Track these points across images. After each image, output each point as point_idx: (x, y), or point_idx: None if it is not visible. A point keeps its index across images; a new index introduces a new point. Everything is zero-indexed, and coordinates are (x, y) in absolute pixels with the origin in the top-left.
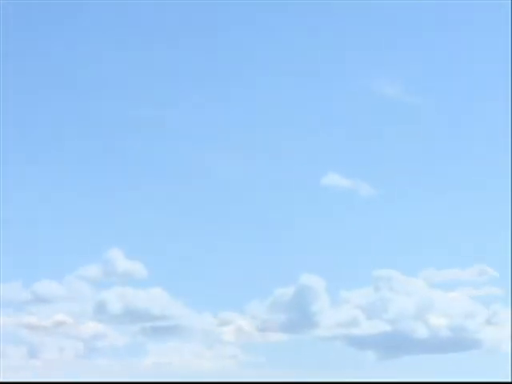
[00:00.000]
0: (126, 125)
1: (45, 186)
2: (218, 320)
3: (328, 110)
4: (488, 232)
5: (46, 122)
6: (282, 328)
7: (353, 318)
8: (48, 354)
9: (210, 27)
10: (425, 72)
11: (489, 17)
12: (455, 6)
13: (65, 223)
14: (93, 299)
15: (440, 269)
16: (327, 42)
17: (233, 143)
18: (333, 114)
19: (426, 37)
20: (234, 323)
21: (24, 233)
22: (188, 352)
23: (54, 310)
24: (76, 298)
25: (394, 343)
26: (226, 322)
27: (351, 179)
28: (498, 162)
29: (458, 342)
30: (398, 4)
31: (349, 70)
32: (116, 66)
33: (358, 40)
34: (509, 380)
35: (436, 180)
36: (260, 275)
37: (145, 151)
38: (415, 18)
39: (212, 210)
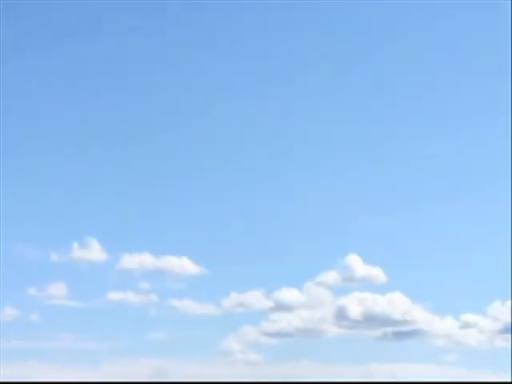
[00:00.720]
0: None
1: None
2: (461, 323)
3: None
4: None
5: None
6: None
7: None
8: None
9: None
10: None
11: None
12: None
13: (302, 231)
14: (333, 305)
15: None
16: None
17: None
18: None
19: None
20: (476, 326)
21: (259, 243)
22: (429, 356)
23: (295, 317)
24: (316, 304)
25: None
26: (469, 325)
27: None
28: None
29: None
30: None
31: None
32: None
33: None
34: (509, 380)
35: None
36: (498, 275)
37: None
38: None
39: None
